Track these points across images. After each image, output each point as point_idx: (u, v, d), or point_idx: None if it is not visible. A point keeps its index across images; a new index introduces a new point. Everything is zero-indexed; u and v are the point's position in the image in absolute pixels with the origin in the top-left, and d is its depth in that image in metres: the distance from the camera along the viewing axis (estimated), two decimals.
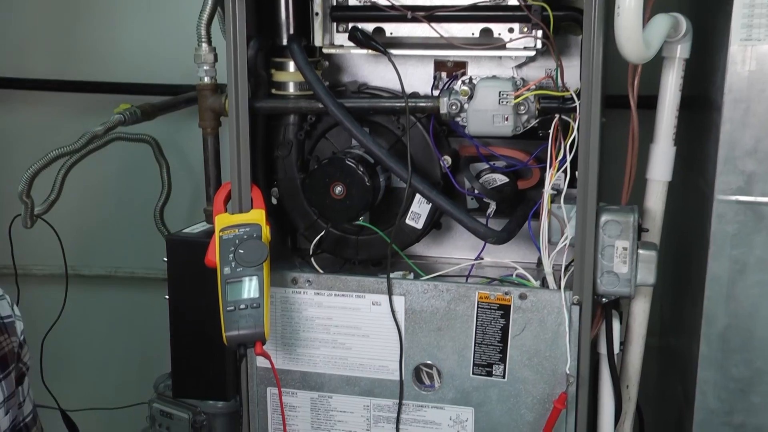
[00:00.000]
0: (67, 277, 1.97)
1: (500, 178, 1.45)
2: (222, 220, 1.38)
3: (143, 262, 2.21)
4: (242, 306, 1.30)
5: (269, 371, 1.43)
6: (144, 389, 1.91)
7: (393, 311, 1.39)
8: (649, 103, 1.39)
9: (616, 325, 1.37)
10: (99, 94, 2.10)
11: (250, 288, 1.31)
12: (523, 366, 1.35)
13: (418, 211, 1.45)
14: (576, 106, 1.29)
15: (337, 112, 1.36)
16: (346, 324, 1.42)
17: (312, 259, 1.46)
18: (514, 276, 1.40)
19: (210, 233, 1.41)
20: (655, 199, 1.39)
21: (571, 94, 1.31)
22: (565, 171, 1.32)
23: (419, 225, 1.45)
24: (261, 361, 1.45)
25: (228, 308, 1.30)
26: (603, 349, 1.38)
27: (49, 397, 2.01)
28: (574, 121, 1.30)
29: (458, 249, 1.54)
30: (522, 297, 1.34)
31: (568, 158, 1.31)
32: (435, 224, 1.49)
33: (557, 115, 1.32)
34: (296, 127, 1.45)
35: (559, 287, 1.33)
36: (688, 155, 1.48)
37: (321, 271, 1.44)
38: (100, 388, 2.34)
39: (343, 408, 1.44)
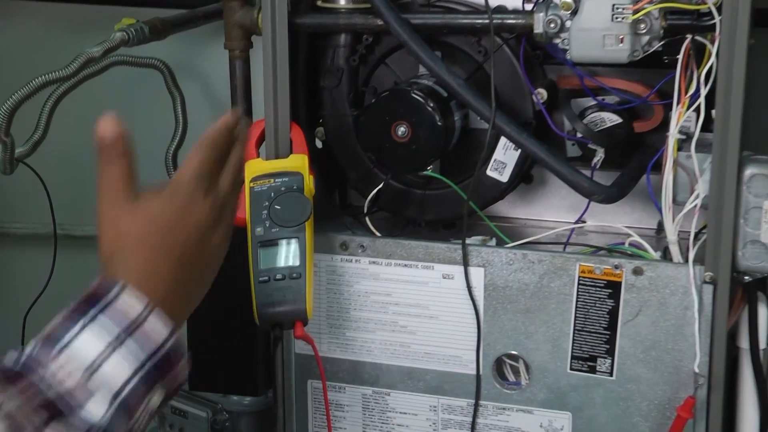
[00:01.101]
0: (56, 237, 2.01)
1: (611, 118, 1.43)
2: (253, 167, 1.38)
3: None
4: (278, 276, 1.31)
5: (311, 360, 1.45)
6: None
7: (469, 287, 1.39)
8: None
9: (762, 312, 1.36)
10: (96, 5, 2.11)
11: (288, 254, 1.32)
12: (636, 361, 1.35)
13: (503, 159, 1.45)
14: (715, 24, 1.26)
15: (401, 31, 1.36)
16: (409, 302, 1.43)
17: (366, 219, 1.47)
18: (626, 245, 1.39)
19: None
20: None
21: (708, 8, 1.28)
22: (697, 109, 1.30)
23: (504, 177, 1.45)
24: (301, 347, 1.47)
25: (261, 279, 1.31)
26: (744, 343, 1.37)
27: None
28: (712, 43, 1.27)
29: (553, 209, 1.54)
30: (637, 272, 1.33)
31: (703, 92, 1.29)
32: (524, 177, 1.50)
33: (689, 36, 1.30)
34: (348, 49, 1.45)
35: (687, 260, 1.32)
36: None
37: (378, 233, 1.45)
38: None
39: (404, 408, 1.46)
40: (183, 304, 1.02)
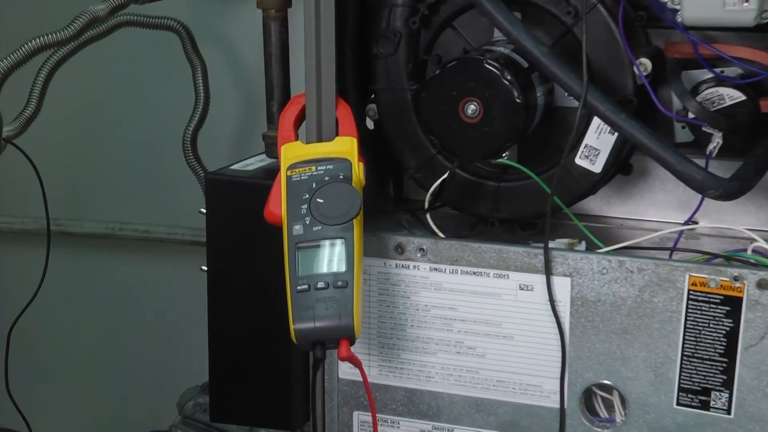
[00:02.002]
0: (50, 235, 2.02)
1: (731, 95, 1.42)
2: (291, 152, 1.39)
3: (163, 215, 2.25)
4: (320, 284, 1.31)
5: (359, 386, 1.46)
6: (163, 409, 1.95)
7: (552, 300, 1.39)
8: None
9: None
10: None
11: (332, 257, 1.32)
12: (761, 396, 1.33)
13: (596, 145, 1.44)
14: None
15: None
16: (478, 318, 1.42)
17: (427, 216, 1.46)
18: (749, 252, 1.38)
19: (271, 172, 1.42)
20: None
21: None
22: None
23: (597, 167, 1.44)
24: (346, 371, 1.47)
25: (299, 287, 1.31)
26: None
27: (16, 416, 2.07)
28: None
29: (658, 206, 1.54)
30: (762, 285, 1.31)
31: None
32: (621, 167, 1.49)
33: None
34: (407, 9, 1.46)
35: None
36: None
37: (441, 234, 1.44)
38: (94, 405, 2.40)
39: None
40: None
